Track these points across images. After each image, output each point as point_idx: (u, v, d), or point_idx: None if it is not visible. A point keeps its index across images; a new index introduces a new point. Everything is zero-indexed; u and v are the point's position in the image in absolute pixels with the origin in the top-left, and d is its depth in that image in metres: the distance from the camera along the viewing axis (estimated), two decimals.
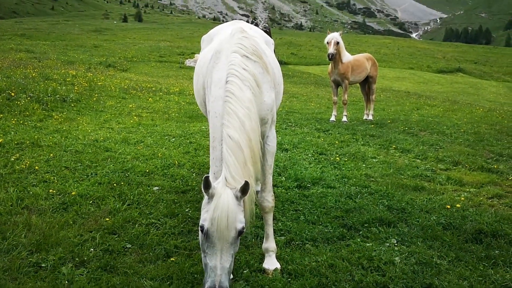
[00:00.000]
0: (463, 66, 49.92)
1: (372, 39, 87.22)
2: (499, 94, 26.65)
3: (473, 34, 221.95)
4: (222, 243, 2.80)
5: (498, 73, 47.16)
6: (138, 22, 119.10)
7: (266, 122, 3.50)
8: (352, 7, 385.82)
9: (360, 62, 11.47)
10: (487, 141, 9.01)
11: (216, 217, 2.79)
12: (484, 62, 58.41)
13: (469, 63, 54.82)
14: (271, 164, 3.68)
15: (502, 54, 73.65)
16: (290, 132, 9.10)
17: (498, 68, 51.73)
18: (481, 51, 79.03)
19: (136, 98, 12.57)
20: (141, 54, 34.43)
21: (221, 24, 4.78)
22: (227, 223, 2.78)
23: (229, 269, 2.81)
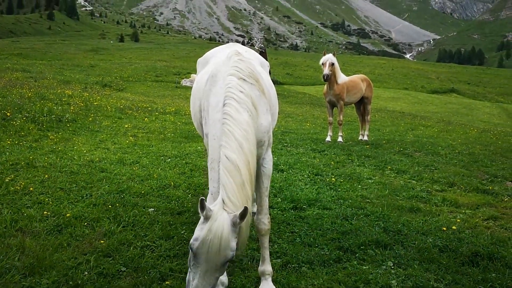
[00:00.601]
0: (457, 86, 50.38)
1: (367, 60, 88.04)
2: (493, 115, 26.86)
3: (466, 55, 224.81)
4: (209, 265, 2.74)
5: (491, 94, 47.61)
6: (134, 42, 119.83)
7: (262, 144, 3.52)
8: (346, 28, 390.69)
9: (355, 83, 11.58)
10: (481, 162, 9.06)
11: (208, 240, 2.75)
12: (477, 82, 58.97)
13: (462, 84, 55.34)
14: (267, 186, 3.68)
15: (495, 75, 74.43)
16: (286, 153, 9.11)
17: (491, 89, 52.25)
18: (474, 71, 79.84)
19: (132, 118, 12.59)
20: (137, 73, 34.56)
21: (217, 47, 4.83)
22: (219, 248, 2.74)
23: None
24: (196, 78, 4.46)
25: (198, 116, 3.86)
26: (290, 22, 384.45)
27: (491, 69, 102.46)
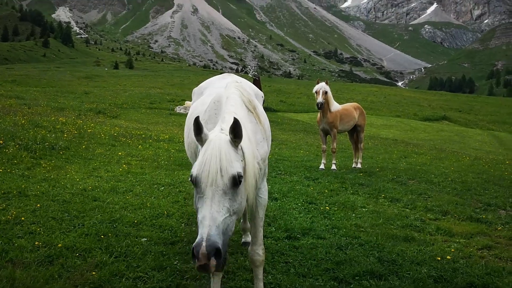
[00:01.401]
0: (448, 114, 50.96)
1: (359, 87, 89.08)
2: (484, 143, 27.09)
3: (457, 83, 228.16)
4: (213, 190, 2.53)
5: (482, 121, 48.15)
6: (129, 69, 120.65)
7: (259, 169, 3.53)
8: (339, 56, 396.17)
9: (348, 111, 11.70)
10: (474, 190, 9.09)
11: (205, 160, 2.59)
12: (469, 110, 59.70)
13: (454, 111, 56.00)
14: (262, 217, 3.67)
15: (486, 103, 75.45)
16: (280, 181, 9.11)
17: (482, 117, 52.87)
18: (465, 99, 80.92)
19: (125, 145, 12.57)
20: (131, 100, 34.69)
21: (211, 78, 4.91)
22: (219, 167, 2.56)
23: (222, 224, 2.48)
24: (191, 108, 4.50)
25: (193, 145, 3.87)
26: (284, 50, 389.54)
27: (481, 97, 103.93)
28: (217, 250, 2.36)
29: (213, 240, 2.36)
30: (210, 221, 2.42)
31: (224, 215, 2.51)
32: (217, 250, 2.36)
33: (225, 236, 2.49)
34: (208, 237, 2.36)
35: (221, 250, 2.39)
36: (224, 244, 2.45)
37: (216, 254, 2.36)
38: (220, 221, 2.47)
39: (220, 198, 2.53)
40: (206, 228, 2.39)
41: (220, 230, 2.44)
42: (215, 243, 2.37)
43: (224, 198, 2.54)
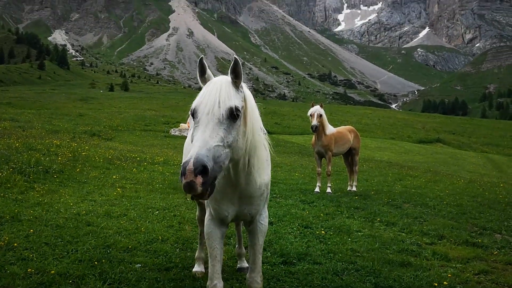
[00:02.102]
0: (442, 136, 51.29)
1: (354, 109, 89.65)
2: (478, 165, 27.19)
3: (450, 105, 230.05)
4: (209, 118, 2.56)
5: (476, 144, 48.44)
6: (124, 91, 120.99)
7: (262, 194, 3.51)
8: (333, 79, 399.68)
9: (343, 134, 11.76)
10: (470, 213, 9.09)
11: (205, 93, 2.64)
12: (462, 132, 60.12)
13: (447, 134, 56.37)
14: (261, 244, 3.65)
15: (479, 125, 76.04)
16: (275, 204, 9.07)
17: (476, 139, 53.22)
18: (459, 122, 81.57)
19: (120, 168, 12.52)
20: (126, 123, 34.72)
21: None
22: (218, 98, 2.59)
23: (213, 150, 2.48)
24: (189, 133, 4.50)
25: None
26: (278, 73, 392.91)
27: (475, 119, 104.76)
28: (204, 167, 2.37)
29: (201, 158, 2.36)
30: (200, 143, 2.45)
31: (217, 142, 2.52)
32: (204, 168, 2.36)
33: (215, 163, 2.49)
34: (196, 155, 2.38)
35: (209, 169, 2.37)
36: (213, 170, 2.43)
37: (203, 171, 2.36)
38: (212, 145, 2.48)
39: (214, 126, 2.55)
40: (196, 148, 2.42)
41: (210, 153, 2.45)
42: (202, 161, 2.37)
43: (219, 127, 2.56)
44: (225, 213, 3.46)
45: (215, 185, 2.55)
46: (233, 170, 3.20)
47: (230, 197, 3.41)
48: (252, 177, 3.34)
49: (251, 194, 3.42)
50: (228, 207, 3.45)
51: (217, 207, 3.46)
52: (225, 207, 3.44)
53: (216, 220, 3.53)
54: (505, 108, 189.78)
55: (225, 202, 3.43)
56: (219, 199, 3.41)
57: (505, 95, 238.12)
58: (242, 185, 3.34)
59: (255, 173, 3.34)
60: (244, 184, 3.34)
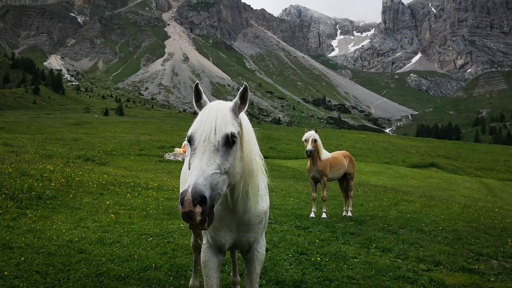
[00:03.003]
0: (436, 161, 51.49)
1: (348, 134, 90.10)
2: (473, 190, 27.22)
3: (444, 130, 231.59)
4: (205, 145, 2.57)
5: (470, 168, 48.61)
6: (119, 115, 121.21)
7: (260, 221, 3.49)
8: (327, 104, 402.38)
9: (338, 160, 11.77)
10: (465, 239, 9.04)
11: (202, 120, 2.67)
12: (456, 157, 60.40)
13: (441, 158, 56.60)
14: (259, 273, 3.61)
15: (472, 150, 76.47)
16: (270, 230, 8.99)
17: (469, 163, 53.41)
18: (452, 146, 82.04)
19: (114, 194, 12.42)
20: (120, 147, 34.62)
21: None
22: (214, 125, 2.62)
23: (211, 178, 2.48)
24: (186, 160, 4.47)
25: None
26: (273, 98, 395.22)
27: (468, 144, 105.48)
28: (202, 197, 2.38)
29: (199, 188, 2.37)
30: (198, 172, 2.46)
31: (214, 170, 2.53)
32: (202, 198, 2.38)
33: (213, 191, 2.50)
34: (194, 184, 2.39)
35: (207, 199, 2.39)
36: (211, 198, 2.45)
37: (202, 201, 2.38)
38: (209, 174, 2.49)
39: (211, 153, 2.57)
40: (193, 177, 2.42)
41: (208, 182, 2.46)
42: (200, 191, 2.38)
43: (215, 154, 2.58)
44: (222, 240, 3.43)
45: (214, 212, 2.55)
46: (231, 196, 3.19)
47: (228, 224, 3.38)
48: (250, 203, 3.32)
49: (249, 222, 3.40)
50: (226, 234, 3.41)
51: (215, 234, 3.43)
52: (223, 234, 3.41)
53: (213, 248, 3.49)
54: (498, 132, 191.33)
55: (223, 230, 3.40)
56: (217, 226, 3.38)
57: (498, 120, 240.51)
58: (240, 212, 3.32)
59: (253, 199, 3.32)
60: (242, 210, 3.32)
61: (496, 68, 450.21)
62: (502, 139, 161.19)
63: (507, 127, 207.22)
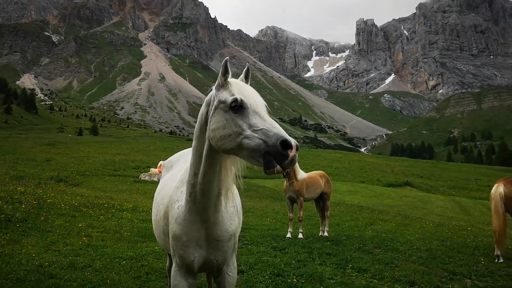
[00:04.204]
0: (411, 180, 52.20)
1: (324, 153, 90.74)
2: (446, 208, 27.65)
3: (417, 149, 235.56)
4: (266, 110, 2.91)
5: (443, 187, 49.42)
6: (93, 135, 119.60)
7: (230, 239, 3.46)
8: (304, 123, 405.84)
9: (314, 180, 11.81)
10: (439, 258, 9.14)
11: (246, 88, 3.00)
12: (430, 176, 61.37)
13: (415, 177, 57.41)
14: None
15: (445, 169, 77.91)
16: (246, 251, 8.92)
17: (443, 182, 54.33)
18: (426, 165, 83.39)
19: (86, 216, 12.16)
20: (94, 168, 34.09)
21: (181, 151, 4.87)
22: (259, 97, 2.99)
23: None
24: (161, 183, 4.41)
25: (162, 223, 3.77)
26: None
27: (441, 163, 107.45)
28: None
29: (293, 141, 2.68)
30: (280, 128, 2.74)
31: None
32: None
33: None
34: (288, 137, 2.66)
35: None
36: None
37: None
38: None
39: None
40: (281, 130, 2.71)
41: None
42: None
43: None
44: (191, 257, 3.38)
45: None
46: (206, 197, 3.25)
47: (197, 238, 3.35)
48: (221, 214, 3.38)
49: (218, 237, 3.38)
50: (195, 250, 3.37)
51: (183, 251, 3.38)
52: (192, 250, 3.37)
53: (182, 269, 3.44)
54: (469, 152, 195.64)
55: (192, 245, 3.36)
56: (186, 241, 3.35)
57: (469, 140, 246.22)
58: (210, 221, 3.32)
59: (224, 212, 3.39)
60: (213, 220, 3.33)
61: (466, 89, 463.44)
62: (473, 158, 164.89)
63: (478, 146, 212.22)
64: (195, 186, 3.26)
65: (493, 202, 9.36)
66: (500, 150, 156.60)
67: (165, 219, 3.69)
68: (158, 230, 3.98)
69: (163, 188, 4.08)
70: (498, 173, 73.34)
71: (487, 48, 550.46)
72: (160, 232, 3.89)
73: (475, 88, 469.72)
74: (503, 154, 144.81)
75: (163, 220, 3.73)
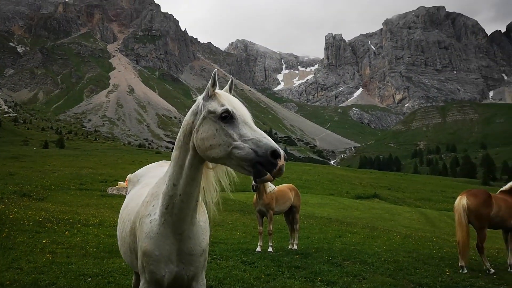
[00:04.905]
0: (379, 192, 53.07)
1: (294, 166, 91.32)
2: (413, 220, 28.19)
3: (385, 161, 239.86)
4: (252, 121, 3.01)
5: (410, 199, 50.43)
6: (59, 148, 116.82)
7: (201, 254, 3.44)
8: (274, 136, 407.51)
9: (283, 193, 11.87)
10: (406, 270, 9.29)
11: (234, 100, 3.09)
12: (397, 188, 62.56)
13: (383, 189, 58.40)
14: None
15: (412, 181, 79.61)
16: (215, 266, 8.85)
17: (409, 194, 55.46)
18: (393, 177, 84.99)
19: (51, 231, 11.82)
20: (60, 181, 33.24)
21: (148, 166, 4.80)
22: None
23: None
24: (127, 198, 4.33)
25: (128, 240, 3.69)
26: None
27: (408, 175, 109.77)
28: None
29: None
30: (272, 140, 2.86)
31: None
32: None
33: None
34: (277, 147, 2.80)
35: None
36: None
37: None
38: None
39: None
40: (271, 140, 2.84)
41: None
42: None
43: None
44: (162, 272, 3.32)
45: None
46: (185, 209, 3.25)
47: (169, 252, 3.30)
48: (195, 228, 3.39)
49: (191, 251, 3.35)
50: (166, 265, 3.32)
51: (154, 267, 3.31)
52: (163, 265, 3.31)
53: (151, 286, 3.37)
54: (434, 164, 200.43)
55: (163, 260, 3.31)
56: (158, 255, 3.30)
57: (434, 152, 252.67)
58: (184, 234, 3.31)
59: (198, 226, 3.41)
60: (187, 233, 3.32)
61: (431, 103, 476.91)
62: (439, 170, 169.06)
63: (443, 158, 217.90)
64: (173, 197, 3.24)
65: (456, 214, 9.61)
66: (464, 162, 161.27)
67: (132, 235, 3.62)
68: (124, 247, 3.89)
69: (129, 203, 4.01)
70: (462, 185, 75.55)
71: (451, 63, 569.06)
72: (126, 249, 3.81)
73: (439, 102, 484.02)
74: (466, 167, 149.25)
75: (130, 237, 3.66)
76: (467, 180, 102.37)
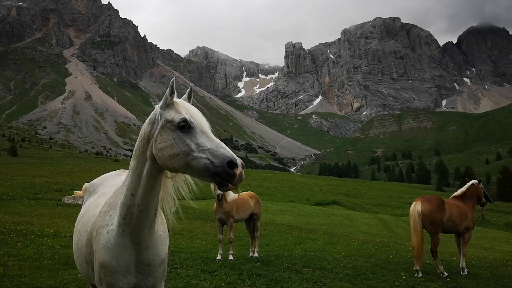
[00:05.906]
0: (338, 198, 53.87)
1: (255, 173, 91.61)
2: (371, 225, 28.75)
3: (344, 168, 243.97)
4: (210, 130, 3.03)
5: (368, 205, 51.45)
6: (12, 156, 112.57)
7: (160, 264, 3.39)
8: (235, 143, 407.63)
9: (244, 201, 11.88)
10: (364, 275, 9.47)
11: (193, 110, 3.09)
12: (355, 194, 63.77)
13: (342, 196, 59.36)
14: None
15: (370, 187, 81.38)
16: (175, 276, 8.73)
17: (367, 200, 56.61)
18: (352, 184, 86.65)
19: (2, 243, 11.35)
20: (12, 191, 32.01)
21: (105, 174, 4.69)
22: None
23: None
24: (83, 208, 4.21)
25: (84, 252, 3.59)
26: None
27: (366, 181, 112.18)
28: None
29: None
30: (226, 147, 2.90)
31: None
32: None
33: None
34: (235, 156, 2.83)
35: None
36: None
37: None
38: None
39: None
40: (228, 150, 2.88)
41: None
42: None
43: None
44: (120, 284, 3.25)
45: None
46: (143, 219, 3.20)
47: (127, 263, 3.24)
48: (154, 238, 3.34)
49: (150, 261, 3.30)
50: (124, 276, 3.25)
51: (112, 278, 3.24)
52: (121, 277, 3.24)
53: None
54: (391, 170, 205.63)
55: (121, 271, 3.24)
56: (116, 266, 3.22)
57: (391, 159, 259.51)
58: (142, 244, 3.25)
59: (157, 236, 3.37)
60: (145, 243, 3.27)
61: (387, 111, 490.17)
62: (395, 177, 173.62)
63: (399, 165, 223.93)
64: (131, 207, 3.19)
65: (411, 220, 9.89)
66: (419, 168, 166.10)
67: (88, 246, 3.53)
68: (80, 259, 3.79)
69: (86, 213, 3.90)
70: (418, 190, 77.89)
71: (406, 73, 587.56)
72: (82, 261, 3.70)
73: (396, 110, 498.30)
74: (421, 173, 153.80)
75: (86, 248, 3.56)
76: (422, 186, 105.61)
